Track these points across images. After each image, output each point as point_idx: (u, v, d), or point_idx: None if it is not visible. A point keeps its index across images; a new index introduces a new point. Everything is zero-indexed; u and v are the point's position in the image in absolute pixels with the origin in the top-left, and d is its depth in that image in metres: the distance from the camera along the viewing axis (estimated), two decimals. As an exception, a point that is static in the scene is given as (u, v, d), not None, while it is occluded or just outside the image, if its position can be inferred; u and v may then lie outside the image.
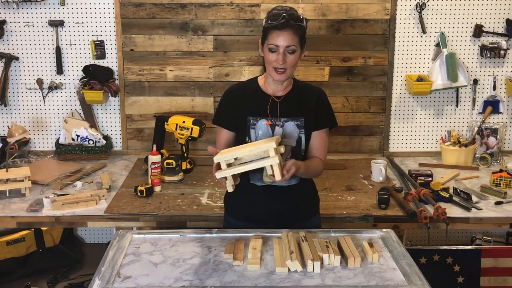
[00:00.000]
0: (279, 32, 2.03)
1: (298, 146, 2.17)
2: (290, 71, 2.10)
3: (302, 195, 2.26)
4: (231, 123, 2.21)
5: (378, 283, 1.81)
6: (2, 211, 2.67)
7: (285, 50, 2.05)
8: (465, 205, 2.71)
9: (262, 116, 2.16)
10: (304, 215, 2.29)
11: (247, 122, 2.16)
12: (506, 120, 3.55)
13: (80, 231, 3.84)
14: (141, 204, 2.74)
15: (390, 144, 3.59)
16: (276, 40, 2.04)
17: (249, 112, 2.16)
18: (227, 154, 1.94)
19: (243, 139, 2.17)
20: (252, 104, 2.18)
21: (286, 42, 2.03)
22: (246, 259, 1.93)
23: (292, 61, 2.07)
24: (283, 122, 2.16)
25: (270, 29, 2.05)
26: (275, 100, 2.17)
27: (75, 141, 3.42)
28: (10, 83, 3.49)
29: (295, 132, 2.16)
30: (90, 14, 3.41)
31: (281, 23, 2.02)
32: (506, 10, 3.41)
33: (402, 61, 3.48)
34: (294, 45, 2.04)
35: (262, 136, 2.14)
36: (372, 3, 3.39)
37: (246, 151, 1.95)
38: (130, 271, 1.88)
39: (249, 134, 2.16)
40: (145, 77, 3.49)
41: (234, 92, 2.24)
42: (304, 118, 2.17)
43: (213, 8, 3.40)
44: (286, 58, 2.05)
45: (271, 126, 2.15)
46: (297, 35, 2.05)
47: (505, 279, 2.90)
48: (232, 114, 2.20)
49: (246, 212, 2.25)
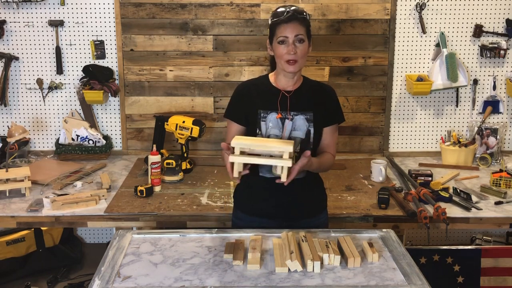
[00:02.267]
0: (286, 24, 2.12)
1: (307, 138, 2.22)
2: (301, 62, 2.17)
3: (310, 189, 2.31)
4: (241, 117, 2.26)
5: (378, 283, 1.81)
6: (2, 211, 2.67)
7: (294, 40, 2.12)
8: (465, 205, 2.71)
9: (273, 110, 2.21)
10: (311, 209, 2.32)
11: (258, 115, 2.22)
12: (506, 120, 3.55)
13: (80, 231, 3.84)
14: (141, 204, 2.74)
15: (390, 144, 3.59)
16: (285, 32, 2.12)
17: (260, 105, 2.22)
18: (244, 142, 1.99)
19: (253, 132, 2.23)
20: (263, 98, 2.24)
21: (294, 31, 2.12)
22: (246, 259, 1.93)
23: (302, 51, 2.14)
24: (293, 115, 2.21)
25: (277, 24, 2.14)
26: (285, 94, 2.23)
27: (75, 141, 3.42)
28: (10, 83, 3.49)
29: (305, 125, 2.22)
30: (90, 14, 3.41)
31: (287, 17, 2.13)
32: (506, 10, 3.41)
33: (402, 61, 3.48)
34: (302, 34, 2.13)
35: (272, 128, 2.20)
36: (372, 3, 3.39)
37: (262, 145, 1.99)
38: (130, 271, 1.88)
39: (260, 127, 2.22)
40: (145, 77, 3.49)
41: (245, 87, 2.30)
42: (313, 112, 2.22)
43: (213, 8, 3.40)
44: (296, 48, 2.13)
45: (281, 119, 2.20)
46: (303, 26, 2.14)
47: (505, 279, 2.90)
48: (243, 108, 2.26)
49: (255, 205, 2.29)
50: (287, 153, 1.96)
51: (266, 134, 2.20)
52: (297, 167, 2.04)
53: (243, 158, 1.97)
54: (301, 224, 2.26)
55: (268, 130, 2.20)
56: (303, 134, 2.21)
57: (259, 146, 1.99)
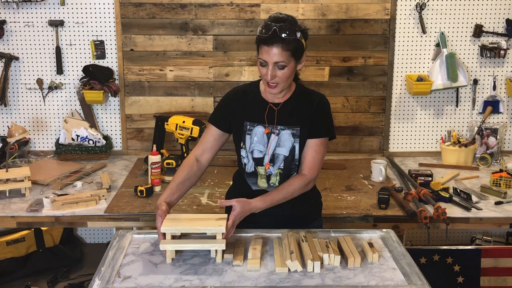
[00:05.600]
0: (268, 48, 1.98)
1: (292, 155, 2.15)
2: (283, 85, 2.06)
3: (301, 200, 2.20)
4: (224, 124, 2.20)
5: (378, 283, 1.81)
6: (2, 211, 2.67)
7: (274, 65, 2.00)
8: (465, 205, 2.71)
9: (259, 123, 2.15)
10: (303, 220, 2.27)
11: (243, 127, 2.16)
12: (506, 120, 3.55)
13: (80, 231, 3.84)
14: (141, 204, 2.74)
15: (390, 144, 3.59)
16: (265, 55, 2.00)
17: (246, 117, 2.16)
18: (175, 227, 1.96)
19: (238, 144, 2.19)
20: (250, 110, 2.17)
21: (274, 58, 1.98)
22: (246, 259, 1.93)
23: (283, 76, 2.02)
24: (279, 130, 2.14)
25: (260, 43, 2.02)
26: (273, 107, 2.16)
27: (75, 141, 3.42)
28: (10, 83, 3.49)
29: (290, 141, 2.14)
30: (90, 14, 3.41)
31: (269, 38, 1.97)
32: (506, 10, 3.41)
33: (402, 61, 3.48)
34: (283, 61, 1.99)
35: (256, 143, 2.15)
36: (372, 3, 3.39)
37: (193, 229, 1.97)
38: (130, 271, 1.88)
39: (244, 140, 2.17)
40: (145, 77, 3.49)
41: (234, 95, 2.22)
42: (300, 126, 2.13)
43: (213, 8, 3.40)
44: (276, 73, 2.01)
45: (267, 134, 2.15)
46: (287, 50, 1.98)
47: (505, 279, 2.90)
48: (228, 116, 2.20)
49: (246, 217, 2.16)
50: (220, 234, 1.95)
51: (250, 149, 2.16)
52: (229, 222, 1.97)
53: (174, 246, 1.94)
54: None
55: (252, 145, 2.14)
56: (287, 151, 2.13)
57: (190, 230, 1.97)
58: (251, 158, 2.16)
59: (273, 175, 2.16)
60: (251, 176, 2.19)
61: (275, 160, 2.15)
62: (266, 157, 2.15)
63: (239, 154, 2.20)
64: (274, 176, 2.16)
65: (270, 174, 2.16)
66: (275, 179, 2.17)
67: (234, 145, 2.22)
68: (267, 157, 2.15)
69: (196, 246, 1.96)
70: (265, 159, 2.15)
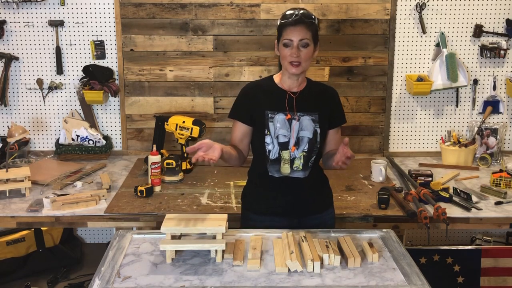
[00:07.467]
0: (293, 27, 2.16)
1: (315, 138, 2.26)
2: (305, 65, 2.20)
3: (316, 186, 2.37)
4: (247, 117, 2.29)
5: (378, 283, 1.81)
6: (2, 211, 2.67)
7: (299, 44, 2.16)
8: (465, 205, 2.71)
9: (280, 110, 2.25)
10: (319, 205, 2.37)
11: (265, 116, 2.25)
12: (506, 120, 3.55)
13: (80, 231, 3.84)
14: (141, 204, 2.74)
15: (390, 144, 3.59)
16: (290, 35, 2.16)
17: (267, 106, 2.26)
18: (173, 227, 1.97)
19: (262, 132, 2.26)
20: (269, 99, 2.28)
21: (299, 36, 2.15)
22: (246, 259, 1.93)
23: (306, 55, 2.18)
24: (299, 116, 2.25)
25: (284, 26, 2.18)
26: (292, 95, 2.26)
27: (75, 141, 3.42)
28: (10, 83, 3.49)
29: (311, 126, 2.26)
30: (90, 14, 3.41)
31: (294, 20, 2.17)
32: (506, 10, 3.41)
33: (402, 61, 3.48)
34: (307, 39, 2.16)
35: (280, 128, 2.24)
36: (372, 3, 3.39)
37: (193, 229, 1.98)
38: (130, 271, 1.88)
39: (268, 127, 2.25)
40: (145, 77, 3.49)
41: (251, 88, 2.34)
42: (318, 113, 2.27)
43: (213, 8, 3.40)
44: (300, 52, 2.16)
45: (288, 120, 2.24)
46: (309, 31, 2.17)
47: (505, 279, 2.90)
48: (249, 109, 2.29)
49: (265, 204, 2.32)
50: (220, 234, 1.97)
51: (275, 135, 2.23)
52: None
53: (174, 246, 1.95)
54: (310, 220, 2.31)
55: (277, 130, 2.24)
56: (311, 133, 2.26)
57: (190, 230, 1.98)
58: (277, 143, 2.24)
59: (296, 159, 2.26)
60: (274, 163, 2.26)
61: (300, 143, 2.26)
62: (291, 140, 2.24)
63: (262, 142, 2.26)
64: (298, 159, 2.26)
65: (294, 158, 2.26)
66: (299, 162, 2.26)
67: (254, 139, 2.30)
68: (292, 140, 2.24)
69: (196, 246, 1.96)
70: (290, 142, 2.25)
